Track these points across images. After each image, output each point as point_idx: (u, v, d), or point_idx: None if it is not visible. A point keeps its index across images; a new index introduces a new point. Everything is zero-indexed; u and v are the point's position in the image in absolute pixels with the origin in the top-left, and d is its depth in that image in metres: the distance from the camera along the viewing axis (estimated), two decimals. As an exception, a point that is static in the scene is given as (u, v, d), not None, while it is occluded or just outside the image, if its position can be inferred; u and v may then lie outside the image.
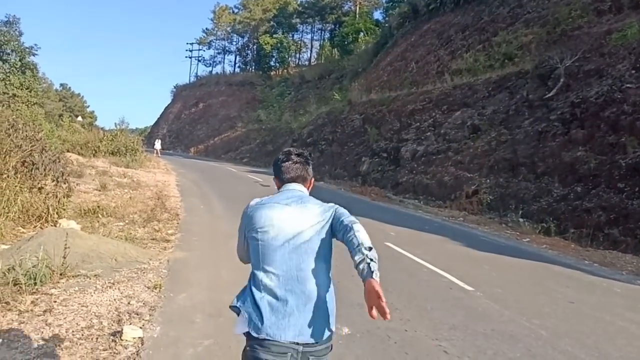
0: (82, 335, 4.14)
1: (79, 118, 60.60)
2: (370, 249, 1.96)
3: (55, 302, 4.82)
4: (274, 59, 62.52)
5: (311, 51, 70.46)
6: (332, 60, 52.05)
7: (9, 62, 31.20)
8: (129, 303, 5.06)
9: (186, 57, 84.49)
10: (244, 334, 2.14)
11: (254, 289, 2.13)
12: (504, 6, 25.69)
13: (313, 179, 2.45)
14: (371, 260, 1.92)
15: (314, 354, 2.10)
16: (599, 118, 13.40)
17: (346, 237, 2.05)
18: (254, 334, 2.07)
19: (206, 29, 78.60)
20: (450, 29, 29.56)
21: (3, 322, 4.21)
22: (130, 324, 4.45)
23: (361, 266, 1.93)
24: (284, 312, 2.07)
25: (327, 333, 2.13)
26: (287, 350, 2.05)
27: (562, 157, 13.75)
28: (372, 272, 1.89)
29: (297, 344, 2.05)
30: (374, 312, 1.84)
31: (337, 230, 2.14)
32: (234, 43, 78.06)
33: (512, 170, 15.42)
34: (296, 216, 2.16)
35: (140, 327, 4.37)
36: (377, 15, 57.59)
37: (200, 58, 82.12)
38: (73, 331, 4.19)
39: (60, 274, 5.46)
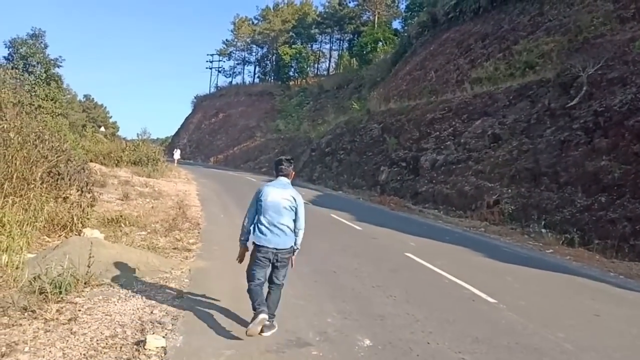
0: (107, 344, 4.19)
1: (102, 128, 61.59)
2: (298, 246, 4.81)
3: (80, 310, 4.89)
4: (292, 69, 62.94)
5: (330, 61, 70.85)
6: (351, 70, 52.12)
7: (34, 74, 31.89)
8: (152, 312, 5.11)
9: (206, 68, 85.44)
10: (253, 243, 4.63)
11: (258, 225, 4.60)
12: (524, 14, 25.46)
13: (293, 172, 4.94)
14: (297, 249, 4.81)
15: (283, 254, 4.64)
16: (623, 127, 13.16)
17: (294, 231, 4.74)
18: (258, 244, 4.58)
19: (226, 40, 79.56)
20: (469, 37, 29.39)
21: (29, 330, 4.29)
22: (154, 333, 4.49)
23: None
24: (271, 235, 4.57)
25: (289, 245, 4.67)
26: (271, 251, 4.57)
27: (585, 167, 13.52)
28: (295, 252, 4.81)
29: (276, 249, 4.58)
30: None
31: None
32: (254, 54, 79.08)
33: (534, 180, 15.21)
34: (281, 194, 4.62)
35: (163, 337, 4.41)
36: (396, 24, 57.74)
37: (220, 69, 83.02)
38: (97, 340, 4.24)
39: (85, 283, 5.54)
